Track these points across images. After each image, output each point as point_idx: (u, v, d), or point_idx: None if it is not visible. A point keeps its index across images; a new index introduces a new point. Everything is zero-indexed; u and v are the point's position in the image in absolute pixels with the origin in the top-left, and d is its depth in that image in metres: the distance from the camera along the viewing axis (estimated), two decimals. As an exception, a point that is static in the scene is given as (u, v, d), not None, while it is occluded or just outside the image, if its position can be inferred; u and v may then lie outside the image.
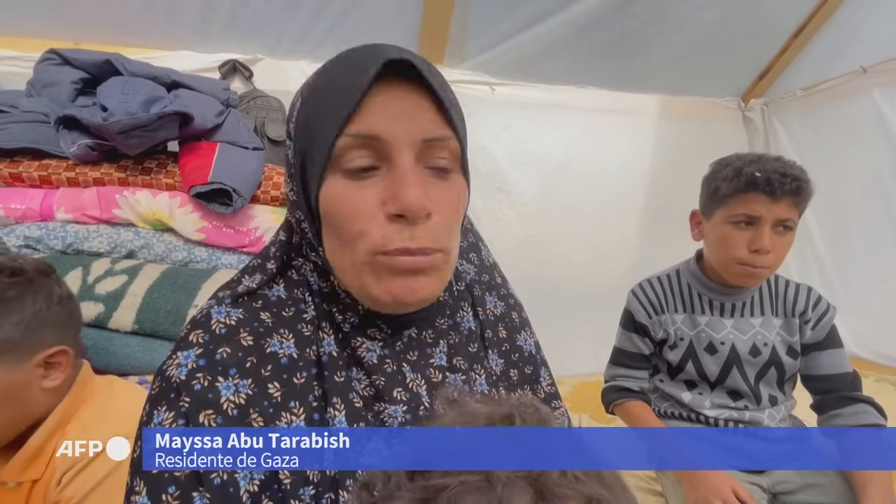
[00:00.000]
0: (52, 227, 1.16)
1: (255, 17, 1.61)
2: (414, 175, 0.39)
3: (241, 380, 0.39)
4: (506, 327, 0.56)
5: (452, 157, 0.43)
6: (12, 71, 1.45)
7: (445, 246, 0.42)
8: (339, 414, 0.42)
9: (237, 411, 0.38)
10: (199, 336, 0.41)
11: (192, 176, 1.20)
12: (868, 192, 1.92)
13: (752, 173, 0.85)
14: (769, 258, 0.87)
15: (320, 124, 0.40)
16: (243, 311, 0.43)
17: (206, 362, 0.39)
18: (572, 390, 1.83)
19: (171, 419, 0.38)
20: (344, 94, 0.39)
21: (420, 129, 0.40)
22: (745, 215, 0.88)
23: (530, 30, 1.81)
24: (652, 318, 1.00)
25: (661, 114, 2.24)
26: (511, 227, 2.08)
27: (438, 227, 0.41)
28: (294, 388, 0.41)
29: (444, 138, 0.41)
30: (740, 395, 0.95)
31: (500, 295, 0.58)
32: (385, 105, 0.39)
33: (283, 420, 0.40)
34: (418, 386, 0.45)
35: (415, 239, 0.40)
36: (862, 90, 1.90)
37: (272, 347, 0.42)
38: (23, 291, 0.67)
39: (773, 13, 1.92)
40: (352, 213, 0.40)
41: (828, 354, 0.92)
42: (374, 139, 0.39)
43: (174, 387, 0.38)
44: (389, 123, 0.39)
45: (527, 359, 0.56)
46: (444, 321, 0.50)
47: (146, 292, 1.05)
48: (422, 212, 0.39)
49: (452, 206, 0.43)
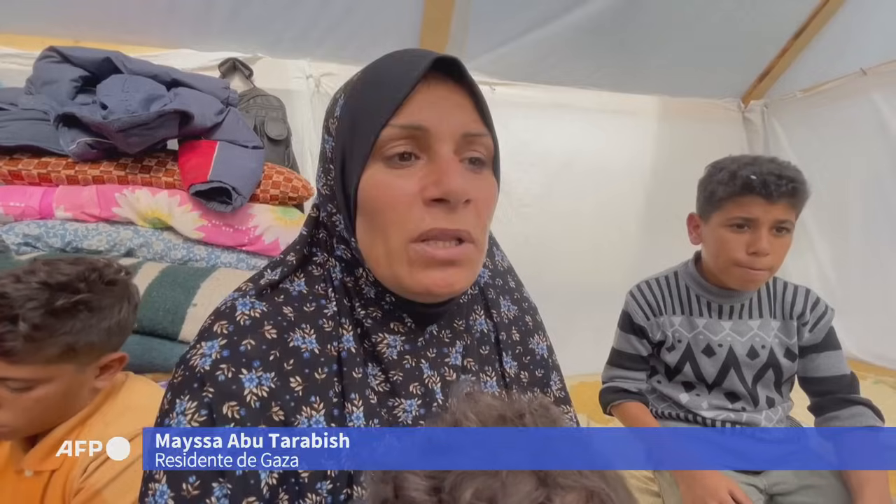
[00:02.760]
0: (51, 225, 1.16)
1: (255, 16, 1.61)
2: (455, 164, 0.42)
3: (264, 372, 0.40)
4: (519, 330, 0.56)
5: (487, 153, 0.45)
6: (12, 68, 1.45)
7: (478, 239, 0.44)
8: (357, 410, 0.42)
9: (259, 404, 0.39)
10: (224, 327, 0.41)
11: (192, 174, 1.20)
12: (867, 194, 1.93)
13: (747, 176, 0.85)
14: (767, 260, 0.87)
15: (366, 116, 0.42)
16: (267, 304, 0.44)
17: (230, 353, 0.39)
18: (571, 390, 1.83)
19: (193, 409, 0.38)
20: (392, 89, 0.41)
21: (461, 124, 0.42)
22: (742, 218, 0.87)
23: (531, 31, 1.82)
24: (650, 320, 1.00)
25: (661, 115, 2.25)
26: (511, 228, 2.08)
27: (474, 216, 0.43)
28: (315, 383, 0.42)
29: (481, 134, 0.44)
30: (738, 397, 0.95)
31: (513, 299, 0.59)
32: (430, 100, 0.42)
33: (304, 414, 0.40)
34: (434, 383, 0.46)
35: (453, 222, 0.41)
36: (861, 92, 1.91)
37: (295, 342, 0.43)
38: (116, 301, 0.70)
39: (773, 15, 1.92)
40: (391, 200, 0.41)
41: (826, 356, 0.92)
42: (418, 130, 0.41)
43: (198, 376, 0.38)
44: (434, 116, 0.41)
45: (538, 362, 0.56)
46: (462, 322, 0.51)
47: (145, 291, 1.05)
48: (463, 196, 0.41)
49: (486, 199, 0.45)
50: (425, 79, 0.41)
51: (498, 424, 0.27)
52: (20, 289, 0.62)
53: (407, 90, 0.40)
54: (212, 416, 0.38)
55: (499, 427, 0.27)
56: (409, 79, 0.40)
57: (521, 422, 0.27)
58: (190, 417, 0.38)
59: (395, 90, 0.41)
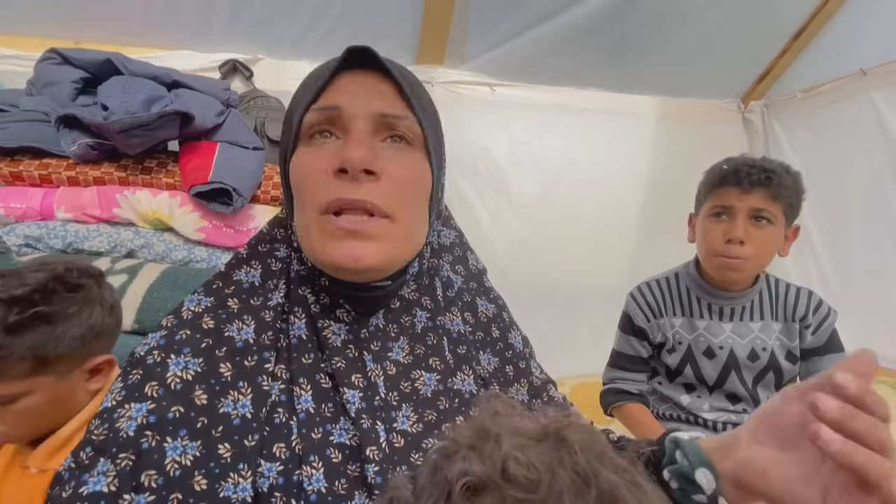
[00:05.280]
0: (52, 227, 1.16)
1: (255, 17, 1.61)
2: (364, 138, 0.43)
3: (192, 358, 0.42)
4: (499, 327, 0.59)
5: (412, 135, 0.46)
6: (13, 70, 1.45)
7: (394, 213, 0.44)
8: (306, 393, 0.44)
9: (181, 386, 0.40)
10: (169, 320, 0.45)
11: (193, 175, 1.20)
12: (867, 194, 1.92)
13: (721, 167, 0.91)
14: (746, 250, 0.88)
15: (295, 107, 0.46)
16: (213, 300, 0.46)
17: (165, 342, 0.43)
18: (571, 391, 1.84)
19: (118, 389, 0.41)
20: (315, 80, 0.45)
21: (377, 104, 0.44)
22: (720, 206, 0.91)
23: (531, 31, 1.81)
24: (650, 322, 1.00)
25: (660, 115, 2.24)
26: (511, 228, 2.08)
27: (386, 190, 0.43)
28: (244, 370, 0.43)
29: (401, 116, 0.45)
30: (739, 399, 0.95)
31: (489, 298, 0.61)
32: (347, 84, 0.45)
33: (230, 397, 0.41)
34: (377, 376, 0.47)
35: (356, 192, 0.42)
36: (862, 92, 1.90)
37: (230, 332, 0.45)
38: (83, 306, 0.67)
39: (773, 15, 1.92)
40: (306, 174, 0.44)
41: (829, 359, 0.92)
42: (333, 110, 0.44)
43: (133, 361, 0.42)
44: (348, 98, 0.44)
45: (518, 355, 0.59)
46: (408, 318, 0.52)
47: (146, 292, 1.05)
48: (361, 164, 0.42)
49: (406, 176, 0.45)
50: (348, 71, 0.45)
51: (537, 446, 0.26)
52: None
53: (326, 79, 0.44)
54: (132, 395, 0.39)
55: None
56: (328, 69, 0.45)
57: (562, 440, 0.26)
58: (113, 396, 0.40)
59: (316, 80, 0.45)
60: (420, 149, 0.47)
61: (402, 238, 0.45)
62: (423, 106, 0.47)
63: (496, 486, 0.23)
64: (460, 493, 0.24)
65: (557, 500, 0.22)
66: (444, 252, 0.59)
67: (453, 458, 0.25)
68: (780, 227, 0.89)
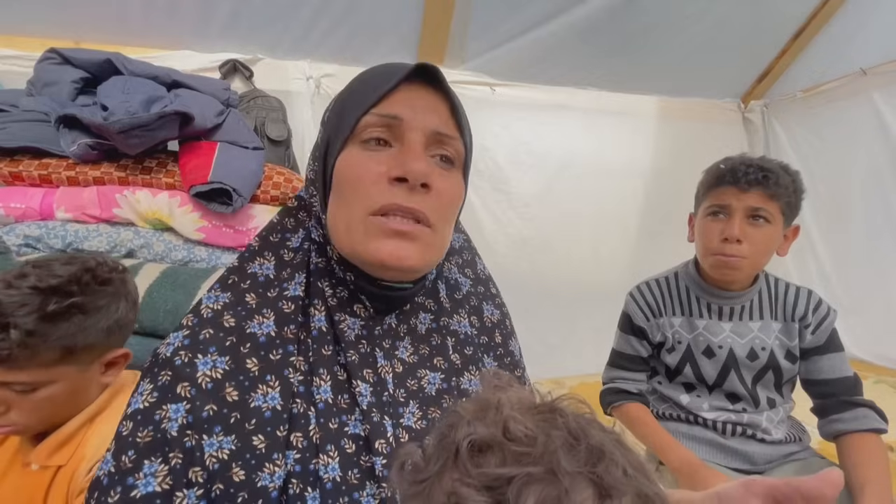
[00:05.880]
0: (52, 226, 1.16)
1: (255, 17, 1.61)
2: (421, 151, 0.46)
3: (219, 356, 0.43)
4: (501, 333, 0.60)
5: (457, 155, 0.49)
6: (13, 70, 1.45)
7: (437, 225, 0.47)
8: (325, 384, 0.46)
9: (212, 385, 0.41)
10: (190, 319, 0.45)
11: (192, 175, 1.20)
12: (867, 194, 1.92)
13: (719, 166, 0.91)
14: (743, 248, 0.88)
15: (352, 106, 0.47)
16: (230, 295, 0.47)
17: (190, 342, 0.43)
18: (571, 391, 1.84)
19: (149, 390, 0.41)
20: (377, 85, 0.46)
21: (434, 122, 0.47)
22: (717, 206, 0.92)
23: (531, 31, 1.82)
24: (650, 321, 1.00)
25: (661, 115, 2.24)
26: (511, 228, 2.08)
27: (433, 203, 0.46)
28: (271, 364, 0.44)
29: (452, 136, 0.48)
30: (738, 398, 0.95)
31: (495, 304, 0.62)
32: (409, 97, 0.47)
33: (259, 391, 0.43)
34: (386, 373, 0.48)
35: (411, 201, 0.45)
36: (861, 92, 1.91)
37: (251, 328, 0.46)
38: (112, 300, 0.69)
39: (773, 15, 1.92)
40: (359, 175, 0.45)
41: (828, 358, 0.92)
42: (394, 119, 0.46)
43: (159, 362, 0.43)
44: (409, 110, 0.46)
45: (516, 363, 0.60)
46: (414, 321, 0.53)
47: (146, 291, 1.05)
48: (422, 177, 0.44)
49: (450, 195, 0.48)
50: (408, 82, 0.47)
51: (533, 414, 0.28)
52: (12, 294, 0.61)
53: (390, 85, 0.46)
54: (165, 396, 0.40)
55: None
56: (393, 77, 0.46)
57: (556, 411, 0.28)
58: (144, 398, 0.41)
59: (379, 86, 0.46)
60: (459, 168, 0.50)
61: (437, 246, 0.48)
62: (466, 125, 0.50)
63: (499, 443, 0.26)
64: (466, 451, 0.26)
65: (553, 454, 0.25)
66: (452, 255, 0.61)
67: (459, 425, 0.28)
68: (779, 227, 0.89)
